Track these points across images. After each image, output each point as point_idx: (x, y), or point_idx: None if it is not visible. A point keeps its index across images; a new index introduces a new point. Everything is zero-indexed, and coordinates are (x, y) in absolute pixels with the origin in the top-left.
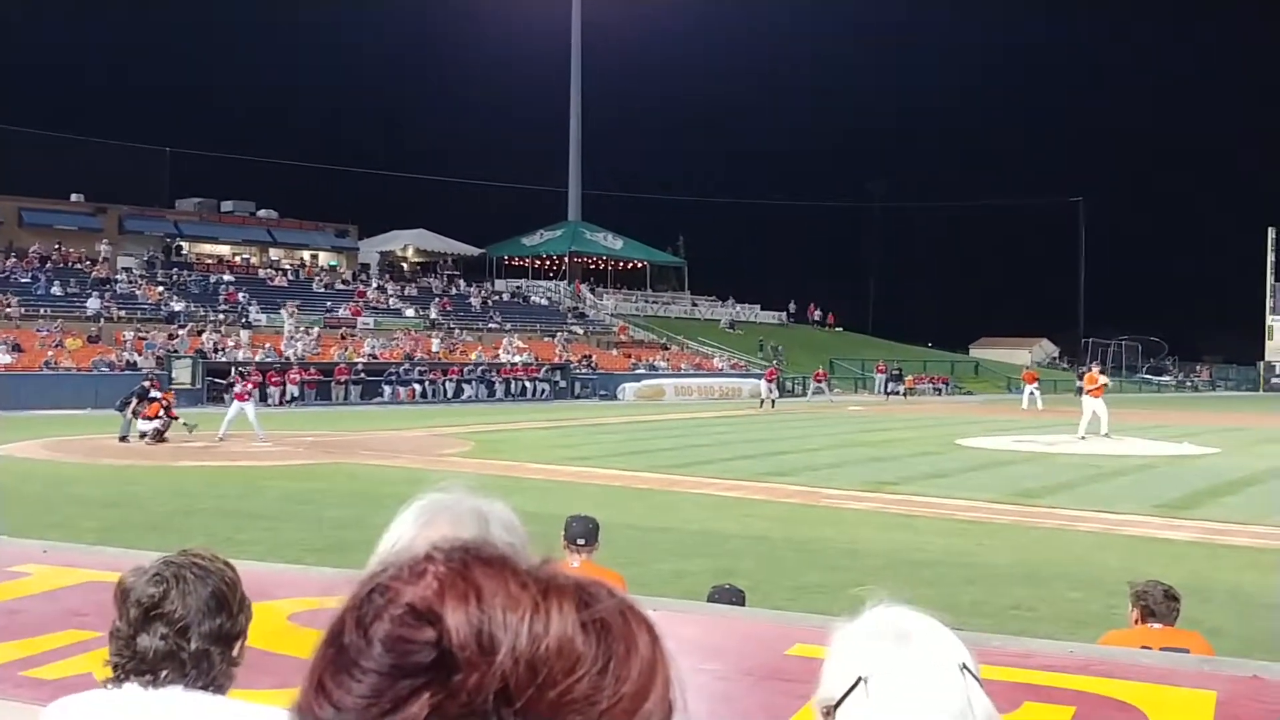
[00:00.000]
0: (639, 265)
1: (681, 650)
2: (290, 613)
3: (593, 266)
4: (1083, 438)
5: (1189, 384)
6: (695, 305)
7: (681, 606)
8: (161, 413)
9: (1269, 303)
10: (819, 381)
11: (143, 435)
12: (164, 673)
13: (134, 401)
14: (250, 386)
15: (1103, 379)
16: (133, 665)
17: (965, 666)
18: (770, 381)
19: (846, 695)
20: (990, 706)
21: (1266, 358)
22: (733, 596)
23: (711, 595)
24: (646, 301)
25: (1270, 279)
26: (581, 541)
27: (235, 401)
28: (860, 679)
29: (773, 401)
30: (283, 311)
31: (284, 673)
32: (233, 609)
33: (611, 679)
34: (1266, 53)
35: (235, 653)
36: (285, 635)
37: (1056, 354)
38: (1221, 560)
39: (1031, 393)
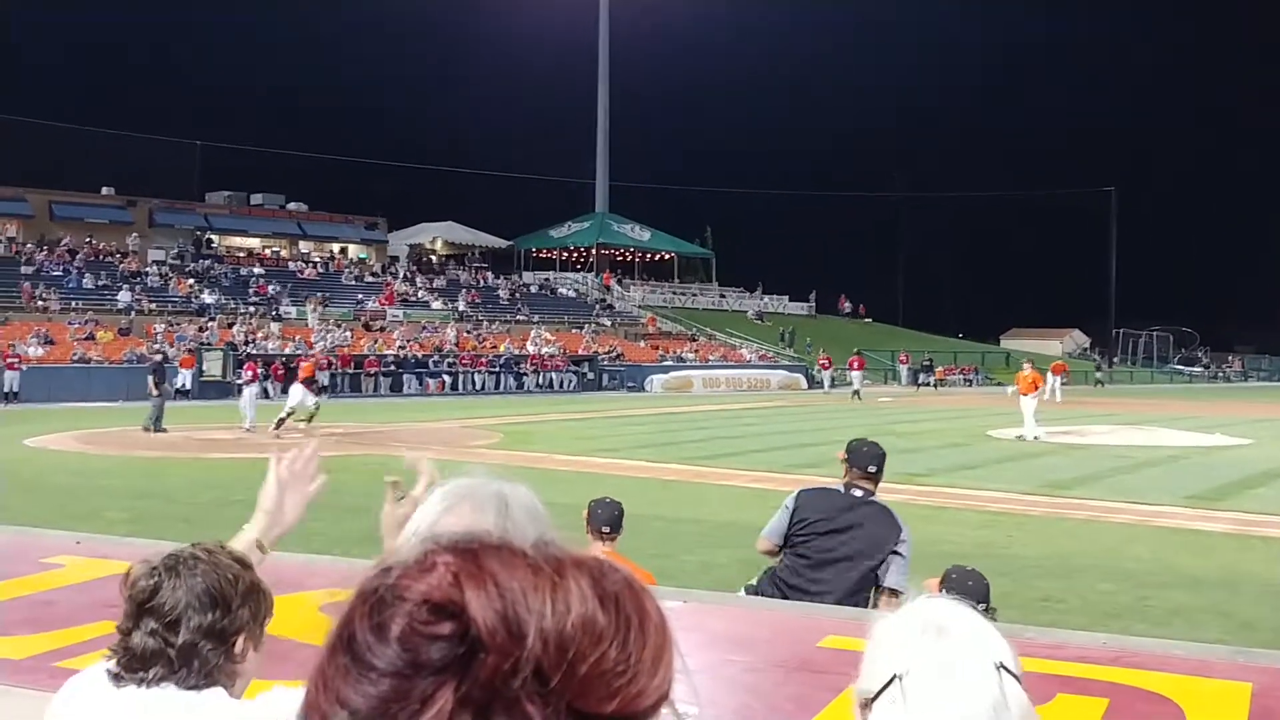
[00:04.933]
0: (666, 256)
1: (712, 642)
2: (322, 603)
3: (620, 258)
4: (1036, 438)
5: (1221, 375)
6: (723, 296)
7: (712, 599)
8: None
9: None
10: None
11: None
12: (155, 671)
13: (150, 381)
14: (249, 372)
15: (1040, 375)
16: (127, 662)
17: (1002, 665)
18: (828, 370)
19: (881, 691)
20: (1027, 704)
21: None
22: (975, 576)
23: (948, 573)
24: (674, 293)
25: None
26: (607, 529)
27: (242, 386)
28: (896, 676)
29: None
30: (307, 306)
31: (312, 663)
32: (230, 604)
33: (633, 648)
34: None
35: (237, 649)
36: (317, 626)
37: (1088, 344)
38: (1253, 552)
39: (1053, 384)
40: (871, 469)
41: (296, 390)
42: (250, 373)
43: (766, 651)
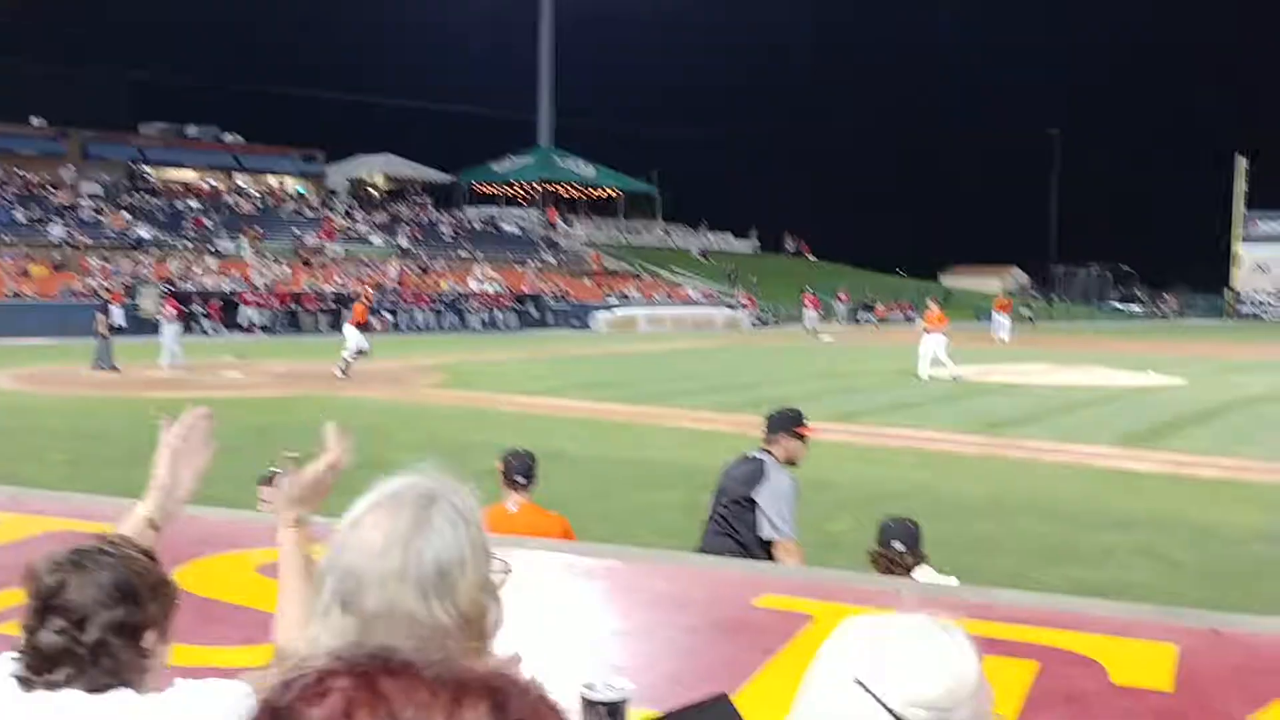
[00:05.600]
0: (612, 193)
1: (651, 602)
2: (259, 564)
3: (565, 194)
4: (929, 378)
5: (1157, 312)
6: (668, 234)
7: (651, 557)
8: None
9: (1238, 231)
10: (843, 303)
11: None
12: (64, 671)
13: (99, 320)
14: (173, 309)
15: (944, 313)
16: (34, 663)
17: (859, 681)
18: (815, 309)
19: None
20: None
21: (1233, 286)
22: (908, 524)
23: (884, 524)
24: (619, 230)
25: (1240, 208)
26: (521, 480)
27: (162, 323)
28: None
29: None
30: (241, 239)
31: (250, 627)
32: (140, 598)
33: None
34: None
35: (147, 644)
36: (253, 587)
37: (1027, 282)
38: (1185, 492)
39: (999, 321)
40: (771, 430)
41: (352, 332)
42: (173, 309)
43: (703, 611)
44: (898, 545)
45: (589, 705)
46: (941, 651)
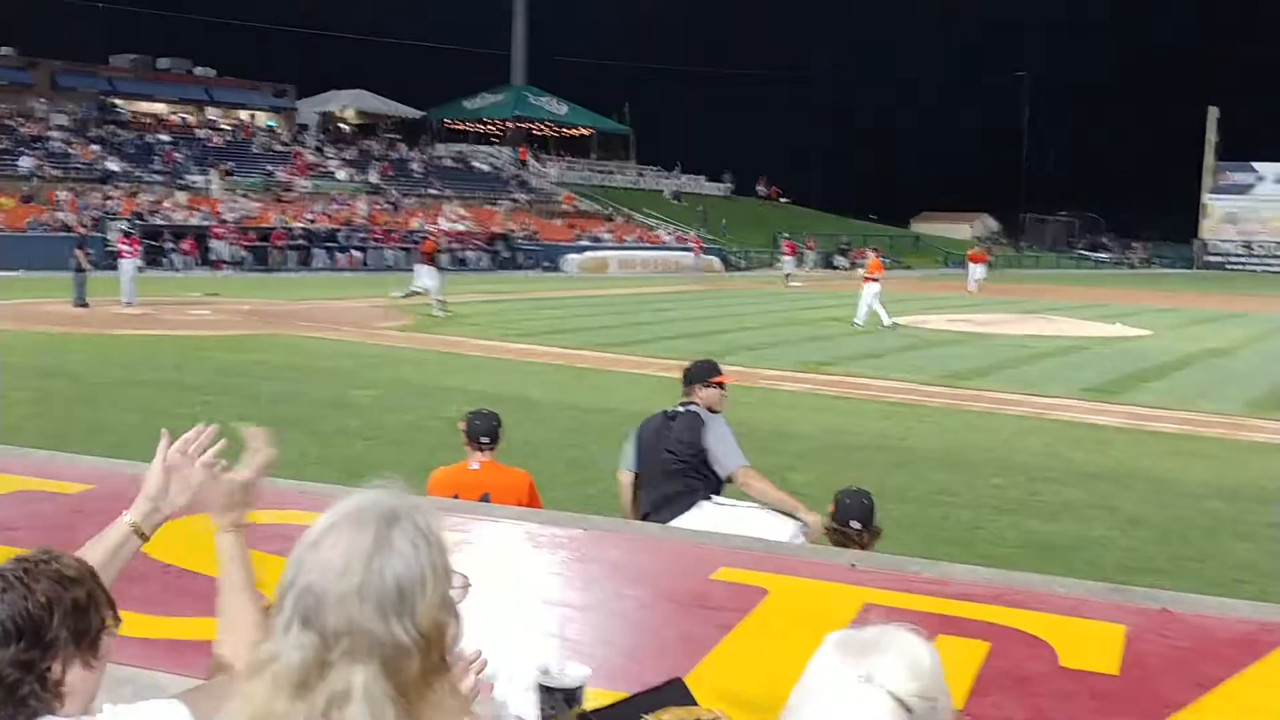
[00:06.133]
0: (585, 132)
1: (608, 575)
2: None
3: (537, 133)
4: (894, 325)
5: (1125, 261)
6: (641, 175)
7: (609, 525)
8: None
9: (1209, 181)
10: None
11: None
12: None
13: (77, 255)
14: (133, 246)
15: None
16: None
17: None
18: (793, 255)
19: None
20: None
21: (1201, 235)
22: (864, 499)
23: (840, 499)
24: (592, 170)
25: (1210, 158)
26: (485, 440)
27: (120, 260)
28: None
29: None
30: (212, 173)
31: (209, 596)
32: (40, 632)
33: None
34: None
35: (53, 675)
36: (213, 553)
37: (998, 229)
38: (1145, 446)
39: (973, 272)
40: (688, 382)
41: (424, 270)
42: (131, 246)
43: (661, 584)
44: (855, 525)
45: (545, 691)
46: (922, 649)
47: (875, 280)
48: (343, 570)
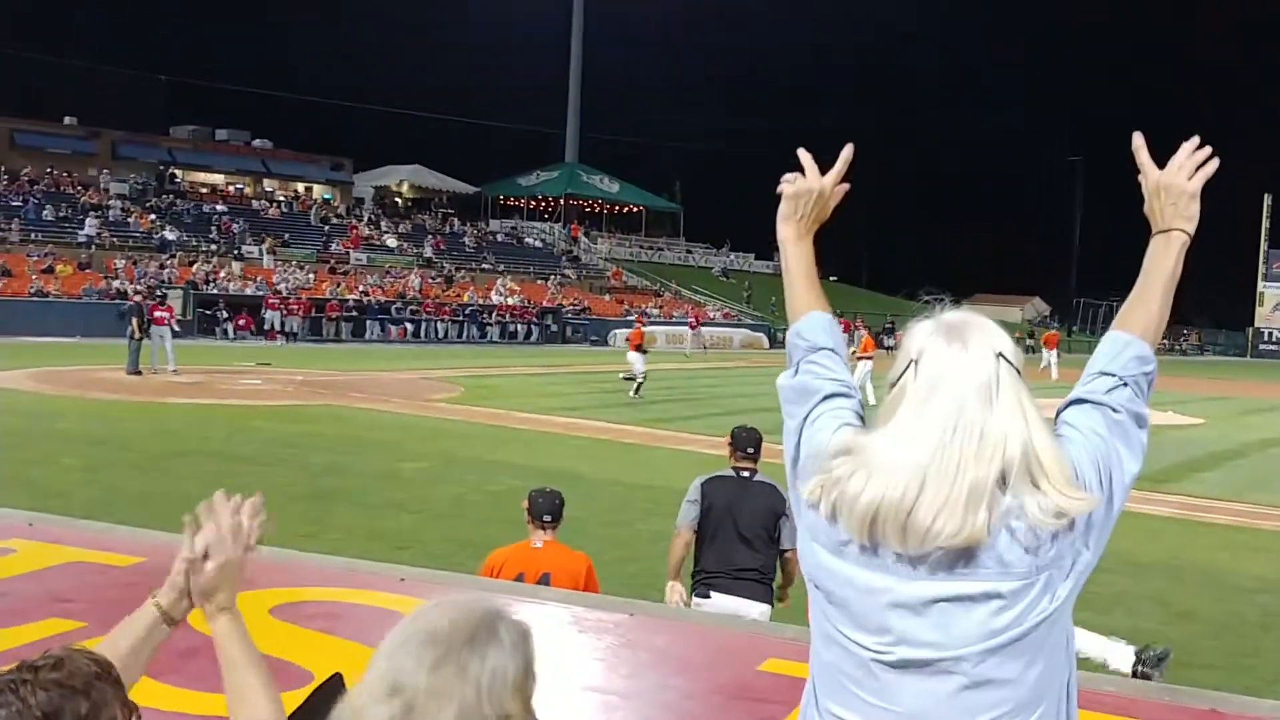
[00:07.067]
0: (635, 209)
1: (654, 663)
2: (272, 605)
3: (588, 209)
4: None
5: (1178, 348)
6: (690, 252)
7: (657, 610)
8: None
9: (1262, 269)
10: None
11: None
12: None
13: (133, 323)
14: (168, 313)
15: (872, 340)
16: None
17: (1001, 354)
18: (845, 334)
19: (903, 373)
20: (1017, 386)
21: (1256, 324)
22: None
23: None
24: (641, 247)
25: (1264, 245)
26: (548, 519)
27: (155, 329)
28: (912, 361)
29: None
30: (261, 247)
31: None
32: None
33: None
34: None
35: None
36: (265, 630)
37: (1049, 312)
38: (1197, 538)
39: (1048, 359)
40: (750, 450)
41: (635, 358)
42: (166, 313)
43: (706, 675)
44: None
45: None
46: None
47: (869, 358)
48: (439, 659)
